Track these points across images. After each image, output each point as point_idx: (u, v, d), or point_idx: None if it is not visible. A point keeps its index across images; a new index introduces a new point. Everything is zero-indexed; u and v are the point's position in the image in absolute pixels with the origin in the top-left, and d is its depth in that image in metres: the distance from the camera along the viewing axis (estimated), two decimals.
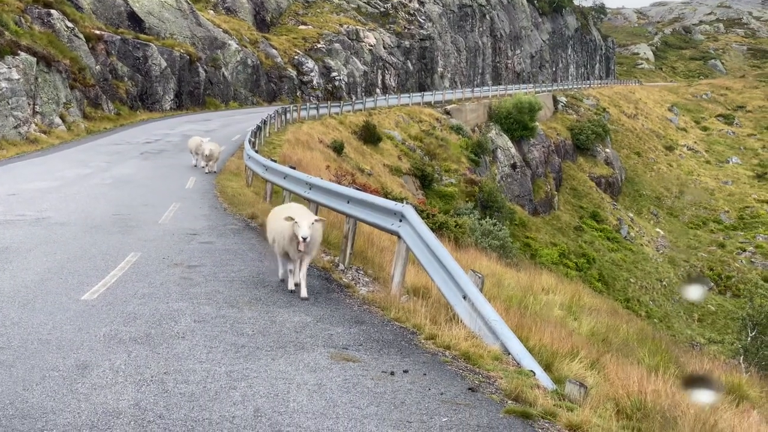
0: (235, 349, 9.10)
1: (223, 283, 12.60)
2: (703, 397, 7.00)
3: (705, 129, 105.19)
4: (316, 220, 11.86)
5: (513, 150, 67.38)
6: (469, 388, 8.35)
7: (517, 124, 68.82)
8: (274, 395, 7.62)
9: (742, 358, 31.67)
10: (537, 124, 71.64)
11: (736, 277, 68.94)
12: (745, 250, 73.87)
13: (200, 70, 58.29)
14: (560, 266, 55.28)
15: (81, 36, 48.03)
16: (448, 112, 66.15)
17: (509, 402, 8.07)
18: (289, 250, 11.89)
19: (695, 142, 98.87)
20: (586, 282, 53.38)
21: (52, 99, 39.42)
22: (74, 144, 36.40)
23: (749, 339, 32.85)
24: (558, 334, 12.75)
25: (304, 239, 11.34)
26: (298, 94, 67.60)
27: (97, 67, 48.41)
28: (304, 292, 11.86)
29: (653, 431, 8.19)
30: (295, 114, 49.90)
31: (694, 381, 8.43)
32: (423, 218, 13.15)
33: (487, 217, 40.73)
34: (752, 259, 72.53)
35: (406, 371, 8.65)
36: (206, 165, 29.45)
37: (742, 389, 15.55)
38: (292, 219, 11.55)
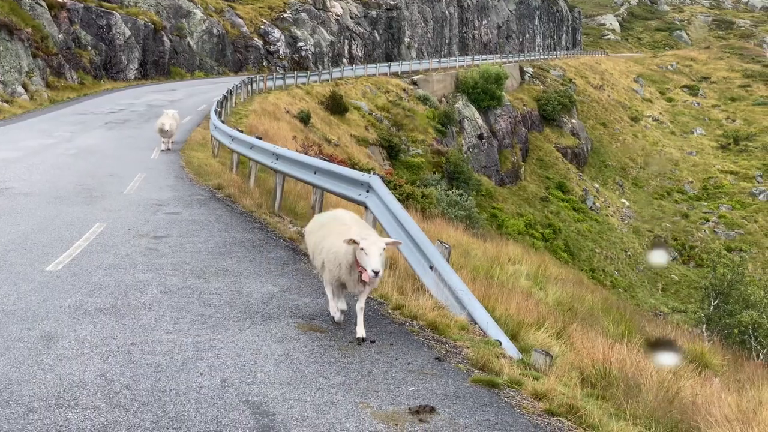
0: (202, 319, 9.08)
1: (189, 253, 12.54)
2: (666, 359, 7.10)
3: (670, 100, 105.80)
4: (387, 244, 8.59)
5: (480, 121, 67.43)
6: (436, 358, 8.40)
7: (484, 94, 68.83)
8: (242, 365, 7.63)
9: (704, 326, 32.08)
10: (504, 94, 71.68)
11: (699, 247, 69.67)
12: (708, 220, 74.62)
13: (165, 39, 57.67)
14: (526, 237, 55.56)
15: (43, 4, 47.32)
16: (415, 83, 66.01)
17: (476, 371, 8.14)
18: (347, 282, 8.84)
19: (660, 113, 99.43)
20: (552, 252, 53.74)
21: (14, 68, 38.87)
22: (37, 114, 35.96)
23: (712, 308, 33.25)
24: (524, 304, 12.84)
25: (376, 273, 8.18)
26: (264, 64, 67.12)
27: (60, 35, 47.75)
28: (360, 331, 8.68)
29: (617, 398, 8.28)
30: (261, 84, 49.55)
31: (657, 344, 8.54)
32: (390, 189, 13.14)
33: (454, 187, 40.77)
34: (715, 229, 73.30)
35: (372, 341, 8.69)
36: (163, 141, 26.67)
37: (704, 357, 15.76)
38: (355, 243, 8.39)
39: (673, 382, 9.46)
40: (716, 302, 32.63)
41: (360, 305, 8.80)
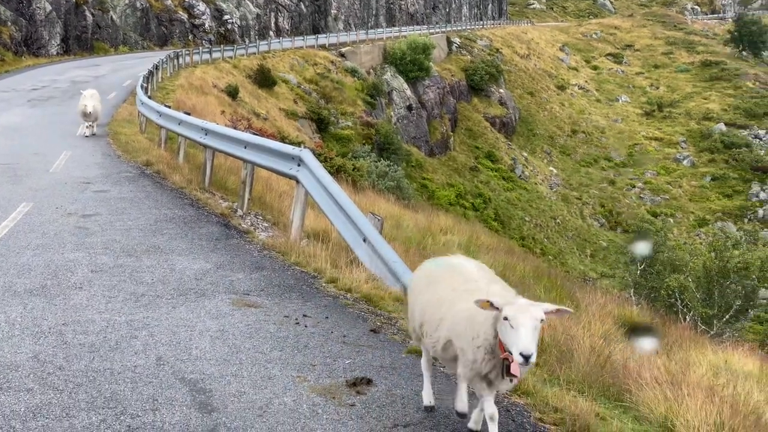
0: (135, 298, 8.99)
1: (119, 231, 12.39)
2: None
3: (595, 68, 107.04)
4: (547, 313, 5.36)
5: (408, 92, 67.47)
6: (372, 330, 8.45)
7: (412, 65, 68.84)
8: (176, 343, 7.59)
9: (632, 291, 32.73)
10: (432, 65, 71.78)
11: (626, 213, 70.88)
12: (634, 186, 75.90)
13: (87, 13, 56.52)
14: (457, 207, 55.93)
15: None
16: (342, 55, 65.73)
17: (411, 342, 8.20)
18: (482, 370, 5.65)
19: (586, 81, 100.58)
20: (483, 222, 54.21)
21: None
22: None
23: (638, 272, 33.92)
24: None
25: (527, 359, 5.14)
26: (190, 38, 66.22)
27: None
28: None
29: (551, 365, 8.42)
30: (187, 58, 48.95)
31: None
32: (320, 162, 13.11)
33: (382, 159, 40.81)
34: (641, 195, 74.61)
35: (306, 315, 8.70)
36: (87, 126, 24.62)
37: (632, 321, 16.11)
38: (493, 307, 5.38)
39: (605, 346, 9.65)
40: (642, 266, 33.28)
41: (489, 410, 5.71)
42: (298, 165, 12.53)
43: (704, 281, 29.97)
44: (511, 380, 5.63)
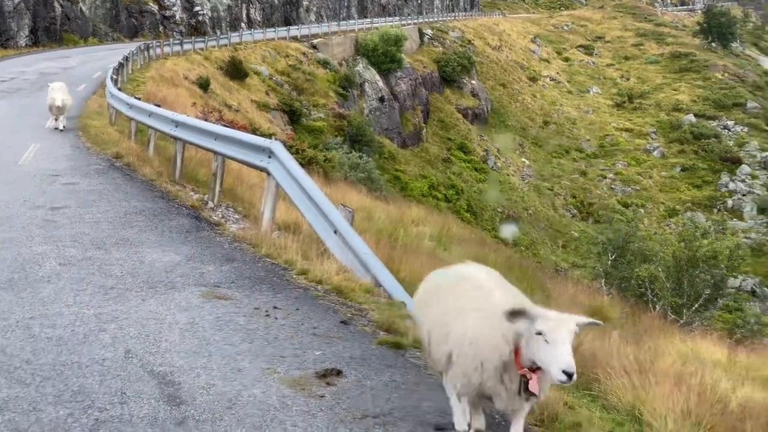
0: (104, 291, 8.93)
1: (88, 224, 12.29)
2: None
3: (566, 60, 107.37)
4: (580, 325, 4.99)
5: (381, 83, 67.41)
6: (342, 322, 8.45)
7: (385, 57, 68.76)
8: (145, 336, 7.54)
9: (603, 281, 32.95)
10: (404, 57, 71.76)
11: (597, 204, 71.26)
12: (605, 177, 76.31)
13: (56, 4, 55.95)
14: (430, 198, 56.06)
15: None
16: (314, 47, 65.55)
17: (381, 333, 8.22)
18: (494, 393, 5.30)
19: (557, 73, 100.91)
20: (456, 213, 54.37)
21: None
22: None
23: (609, 262, 34.14)
24: (428, 265, 12.96)
25: (570, 376, 4.79)
26: (160, 29, 65.76)
27: None
28: None
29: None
30: (158, 50, 48.61)
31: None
32: (292, 154, 13.08)
33: (354, 150, 40.81)
34: (612, 186, 75.03)
35: (276, 307, 8.68)
36: (56, 119, 24.02)
37: (603, 311, 16.23)
38: (524, 316, 4.95)
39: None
40: (614, 257, 33.50)
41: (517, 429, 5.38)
42: (269, 157, 12.49)
43: (674, 271, 30.23)
44: (527, 398, 5.18)
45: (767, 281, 58.49)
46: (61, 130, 23.70)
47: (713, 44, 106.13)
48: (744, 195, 70.35)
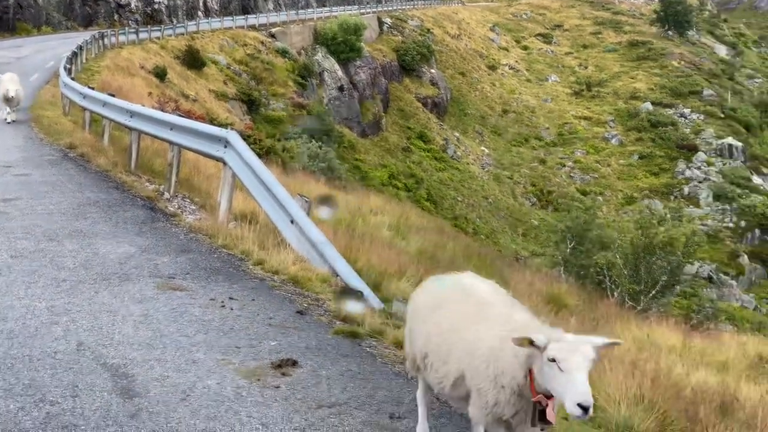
0: (56, 283, 8.81)
1: (41, 216, 12.12)
2: None
3: (525, 48, 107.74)
4: (598, 347, 4.52)
5: (340, 72, 67.24)
6: (298, 312, 8.42)
7: (344, 45, 68.56)
8: (98, 328, 7.46)
9: (562, 269, 33.23)
10: (363, 45, 71.62)
11: (556, 192, 71.69)
12: (564, 165, 76.75)
13: None
14: (390, 187, 56.07)
15: None
16: (273, 35, 65.19)
17: (338, 323, 8.21)
18: (504, 413, 4.77)
19: (516, 62, 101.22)
20: (416, 202, 54.43)
21: None
22: None
23: (568, 250, 34.44)
24: (386, 255, 13.02)
25: (585, 410, 4.28)
26: (115, 18, 65.02)
27: None
28: None
29: None
30: (113, 39, 48.05)
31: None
32: (250, 144, 13.01)
33: (314, 140, 40.71)
34: (571, 174, 75.50)
35: (232, 298, 8.62)
36: (8, 112, 23.41)
37: (561, 298, 16.36)
38: (534, 346, 4.46)
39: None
40: (572, 244, 33.79)
41: None
42: (225, 147, 12.40)
43: (631, 258, 30.57)
44: (542, 429, 4.69)
45: (723, 267, 59.24)
46: (13, 121, 23.32)
47: (670, 32, 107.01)
48: (700, 182, 71.14)
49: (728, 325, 35.95)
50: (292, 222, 10.62)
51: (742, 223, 65.05)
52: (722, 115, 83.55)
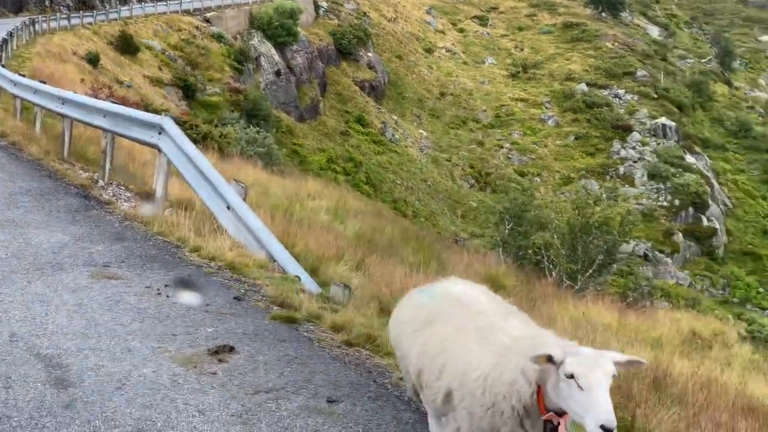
0: None
1: None
2: None
3: (461, 31, 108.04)
4: (620, 364, 4.06)
5: (276, 57, 66.82)
6: (235, 297, 8.40)
7: (280, 30, 68.14)
8: (31, 319, 7.35)
9: (501, 250, 33.51)
10: (299, 29, 71.24)
11: (494, 173, 72.17)
12: (502, 147, 77.24)
13: None
14: (329, 171, 55.98)
15: None
16: (207, 20, 64.56)
17: (275, 308, 8.21)
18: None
19: (453, 44, 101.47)
20: (355, 186, 54.41)
21: None
22: None
23: (507, 231, 34.75)
24: (324, 239, 13.02)
25: None
26: (46, 3, 63.72)
27: None
28: None
29: None
30: (44, 25, 47.16)
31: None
32: (185, 130, 12.90)
33: (251, 125, 40.47)
34: (509, 156, 76.05)
35: (167, 285, 8.57)
36: None
37: (498, 279, 16.51)
38: (551, 362, 4.00)
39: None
40: (510, 225, 34.09)
41: None
42: (160, 133, 12.28)
43: (568, 238, 30.91)
44: None
45: (658, 245, 60.29)
46: None
47: (603, 14, 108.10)
48: (635, 162, 72.15)
49: (664, 302, 36.66)
50: (228, 208, 10.59)
51: (677, 202, 66.15)
52: (655, 96, 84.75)
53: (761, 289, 58.87)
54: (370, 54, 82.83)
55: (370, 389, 6.30)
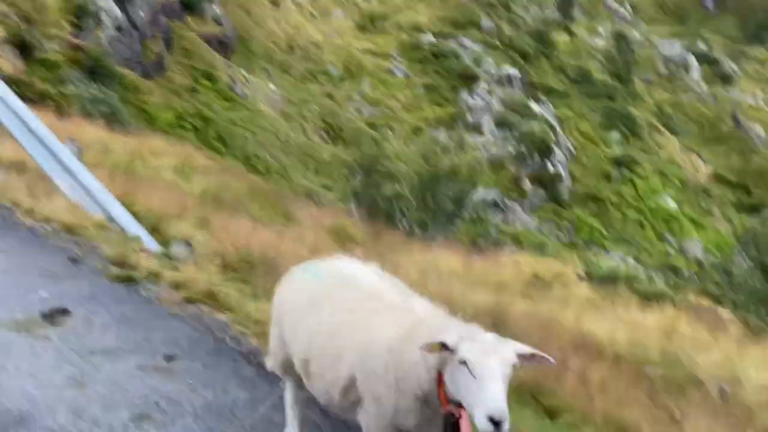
0: None
1: None
2: None
3: None
4: (521, 355, 3.70)
5: (117, 12, 64.63)
6: (71, 259, 8.21)
7: None
8: None
9: (354, 203, 33.75)
10: None
11: (345, 126, 72.30)
12: (352, 100, 77.42)
13: None
14: (178, 129, 54.82)
15: None
16: None
17: (113, 269, 8.06)
18: (404, 423, 4.00)
19: None
20: (206, 143, 53.51)
21: None
22: None
23: (359, 184, 34.97)
24: (167, 197, 12.80)
25: (498, 425, 3.42)
26: None
27: None
28: None
29: (258, 280, 8.53)
30: None
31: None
32: (20, 88, 12.38)
33: (94, 83, 39.19)
34: (359, 108, 76.27)
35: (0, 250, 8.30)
36: None
37: (347, 231, 16.64)
38: (447, 349, 3.63)
39: (312, 257, 9.88)
40: (360, 178, 34.30)
41: None
42: None
43: (418, 188, 31.34)
44: None
45: (507, 192, 61.87)
46: None
47: None
48: (482, 110, 73.57)
49: (513, 247, 37.70)
50: (63, 168, 10.28)
51: (523, 149, 67.87)
52: (500, 45, 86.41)
53: (604, 231, 61.36)
54: (215, 7, 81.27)
55: (209, 345, 6.29)
